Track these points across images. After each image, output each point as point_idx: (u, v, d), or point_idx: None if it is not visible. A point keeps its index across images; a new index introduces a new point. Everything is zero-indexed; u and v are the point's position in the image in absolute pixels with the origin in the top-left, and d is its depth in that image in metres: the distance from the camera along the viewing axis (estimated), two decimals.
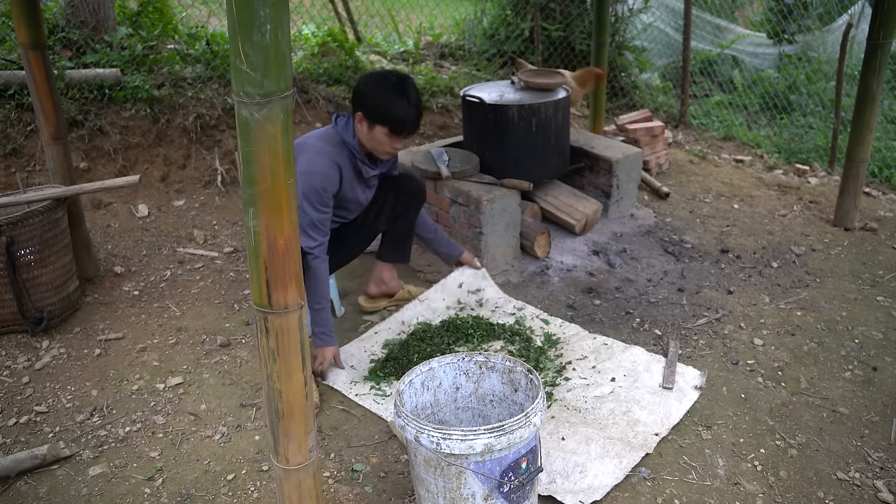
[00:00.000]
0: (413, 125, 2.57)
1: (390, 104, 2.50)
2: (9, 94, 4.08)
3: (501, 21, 6.59)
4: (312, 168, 2.53)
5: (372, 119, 2.53)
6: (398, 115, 2.51)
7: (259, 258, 1.55)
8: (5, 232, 2.81)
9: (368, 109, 2.53)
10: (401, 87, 2.51)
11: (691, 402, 2.53)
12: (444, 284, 3.19)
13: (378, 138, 2.57)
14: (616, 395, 2.55)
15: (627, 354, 2.78)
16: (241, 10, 1.33)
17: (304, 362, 1.68)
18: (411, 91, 2.53)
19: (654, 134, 4.84)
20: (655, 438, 2.35)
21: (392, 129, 2.53)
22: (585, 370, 2.71)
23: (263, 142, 1.44)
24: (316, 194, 2.51)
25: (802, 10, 7.14)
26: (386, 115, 2.51)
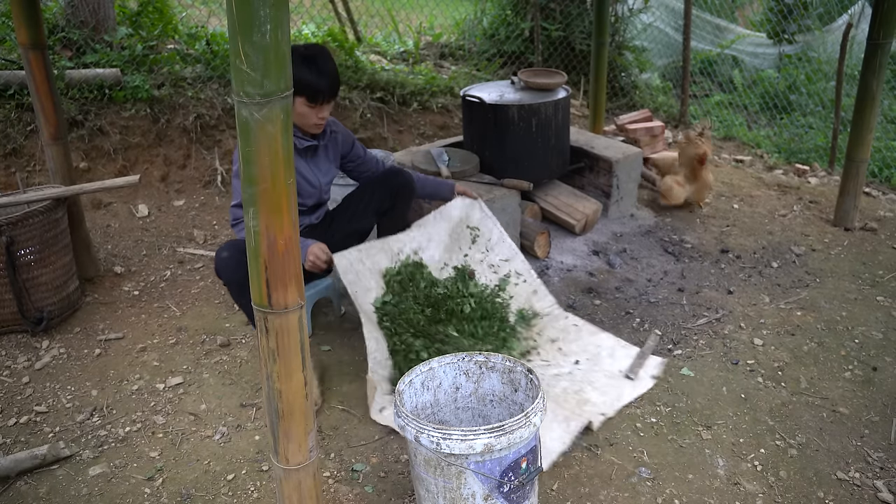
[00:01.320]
0: (328, 91, 2.60)
1: (301, 75, 2.51)
2: (9, 94, 4.08)
3: (501, 21, 6.59)
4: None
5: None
6: (310, 84, 2.55)
7: (259, 258, 1.55)
8: (5, 232, 2.81)
9: None
10: (309, 57, 2.56)
11: (645, 388, 2.61)
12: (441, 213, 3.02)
13: (299, 111, 2.60)
14: (572, 376, 2.65)
15: (594, 339, 2.87)
16: (241, 10, 1.33)
17: (304, 362, 1.68)
18: (319, 59, 2.57)
19: (654, 134, 4.84)
20: (601, 418, 2.44)
21: (308, 98, 2.57)
22: (551, 352, 2.80)
23: (263, 142, 1.44)
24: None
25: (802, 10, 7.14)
26: (298, 86, 2.50)
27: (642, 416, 2.50)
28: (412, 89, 5.31)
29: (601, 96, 4.75)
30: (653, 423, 2.46)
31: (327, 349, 2.89)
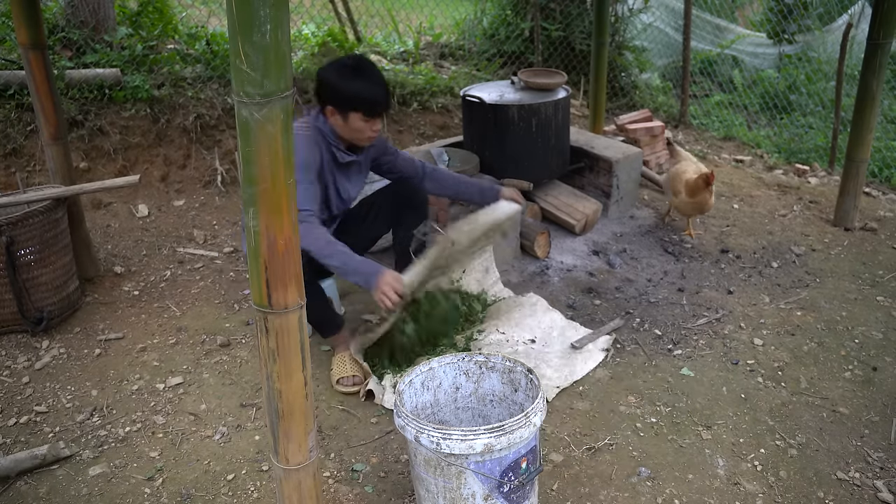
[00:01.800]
0: (385, 103, 2.54)
1: (356, 89, 2.46)
2: (9, 94, 4.08)
3: (501, 21, 6.59)
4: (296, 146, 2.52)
5: (343, 108, 2.50)
6: (367, 97, 2.47)
7: (259, 258, 1.54)
8: (5, 232, 2.81)
9: (337, 100, 2.50)
10: (359, 69, 2.48)
11: (596, 362, 2.76)
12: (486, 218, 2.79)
13: (355, 125, 2.53)
14: (527, 353, 2.78)
15: (547, 317, 3.01)
16: (241, 10, 1.33)
17: (304, 362, 1.68)
18: (370, 70, 2.50)
19: (654, 134, 4.84)
20: (556, 390, 2.60)
21: (366, 112, 2.50)
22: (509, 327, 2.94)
23: (263, 142, 1.44)
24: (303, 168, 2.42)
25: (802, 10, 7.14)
26: (356, 101, 2.47)
27: (642, 416, 2.50)
28: (412, 89, 5.32)
29: (601, 96, 4.75)
30: (653, 423, 2.46)
31: (327, 349, 2.89)
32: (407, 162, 2.91)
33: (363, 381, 2.64)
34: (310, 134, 2.56)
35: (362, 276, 2.41)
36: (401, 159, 2.90)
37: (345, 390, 2.61)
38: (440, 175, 2.96)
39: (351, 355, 2.70)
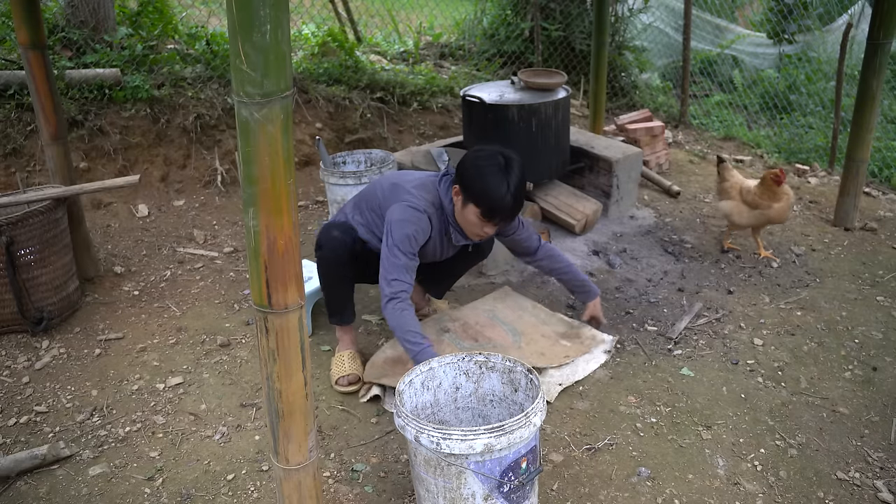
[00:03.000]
0: (507, 213, 2.40)
1: (488, 186, 2.33)
2: (9, 94, 4.08)
3: (501, 21, 6.59)
4: (410, 217, 2.45)
5: (466, 195, 2.40)
6: (492, 198, 2.34)
7: (259, 258, 1.54)
8: (5, 232, 2.81)
9: (465, 184, 2.39)
10: (505, 170, 2.34)
11: (598, 363, 2.78)
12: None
13: (468, 217, 2.43)
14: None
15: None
16: (241, 10, 1.33)
17: (303, 362, 1.68)
18: (514, 176, 2.34)
19: (654, 134, 4.84)
20: (558, 388, 2.62)
21: (483, 212, 2.38)
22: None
23: (263, 142, 1.44)
24: (409, 242, 2.43)
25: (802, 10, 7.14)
26: (480, 196, 2.36)
27: (642, 416, 2.50)
28: (412, 89, 5.32)
29: (601, 96, 4.75)
30: (653, 423, 2.46)
31: (327, 349, 2.89)
32: (526, 239, 2.80)
33: (359, 380, 2.64)
34: (429, 207, 2.51)
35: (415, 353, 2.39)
36: (521, 235, 2.78)
37: (342, 389, 2.61)
38: (555, 255, 2.87)
39: (350, 353, 2.70)
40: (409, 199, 2.50)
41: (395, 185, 2.58)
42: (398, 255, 2.41)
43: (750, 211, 3.50)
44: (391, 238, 2.42)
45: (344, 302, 2.71)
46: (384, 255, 2.44)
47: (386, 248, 2.44)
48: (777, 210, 3.45)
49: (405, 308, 2.41)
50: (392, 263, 2.41)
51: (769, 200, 3.44)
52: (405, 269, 2.43)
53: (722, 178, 3.65)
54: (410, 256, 2.44)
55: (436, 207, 2.53)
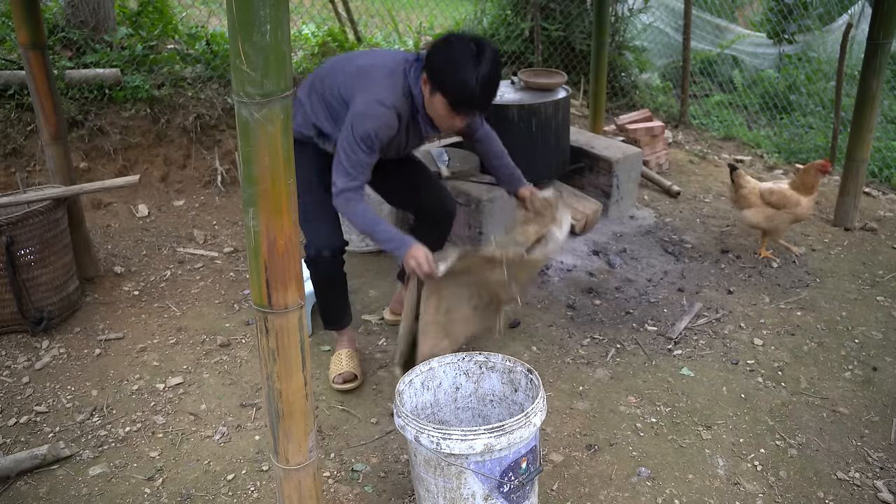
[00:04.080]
0: (476, 104, 2.23)
1: (456, 73, 2.15)
2: (9, 94, 4.07)
3: (501, 21, 6.58)
4: (375, 113, 2.27)
5: (434, 84, 2.23)
6: (460, 88, 2.16)
7: (259, 258, 1.54)
8: (5, 232, 2.81)
9: (433, 73, 2.21)
10: (476, 58, 2.15)
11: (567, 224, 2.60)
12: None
13: (437, 108, 2.27)
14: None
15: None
16: (241, 10, 1.33)
17: (303, 362, 1.67)
18: (485, 65, 2.15)
19: (654, 134, 4.84)
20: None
21: (451, 103, 2.22)
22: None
23: (263, 142, 1.44)
24: (370, 140, 2.27)
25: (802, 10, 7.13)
26: (448, 86, 2.18)
27: (642, 416, 2.50)
28: None
29: (601, 96, 4.75)
30: (653, 423, 2.46)
31: (327, 349, 2.89)
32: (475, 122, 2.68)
33: (356, 378, 2.64)
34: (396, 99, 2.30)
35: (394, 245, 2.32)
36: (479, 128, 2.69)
37: (338, 387, 2.61)
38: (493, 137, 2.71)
39: (348, 352, 2.69)
40: (377, 91, 2.30)
41: (360, 70, 2.37)
42: (357, 150, 2.27)
43: (777, 213, 3.47)
44: (352, 132, 2.26)
45: (337, 302, 2.69)
46: (342, 147, 2.29)
47: (345, 141, 2.28)
48: (805, 206, 3.45)
49: (360, 201, 2.32)
50: (349, 158, 2.28)
51: (804, 193, 3.43)
52: (363, 166, 2.30)
53: (738, 186, 3.53)
54: (369, 153, 2.30)
55: (405, 97, 2.33)
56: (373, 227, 2.34)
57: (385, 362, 2.81)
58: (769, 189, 3.47)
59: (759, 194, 3.49)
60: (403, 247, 2.30)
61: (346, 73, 2.40)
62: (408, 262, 2.29)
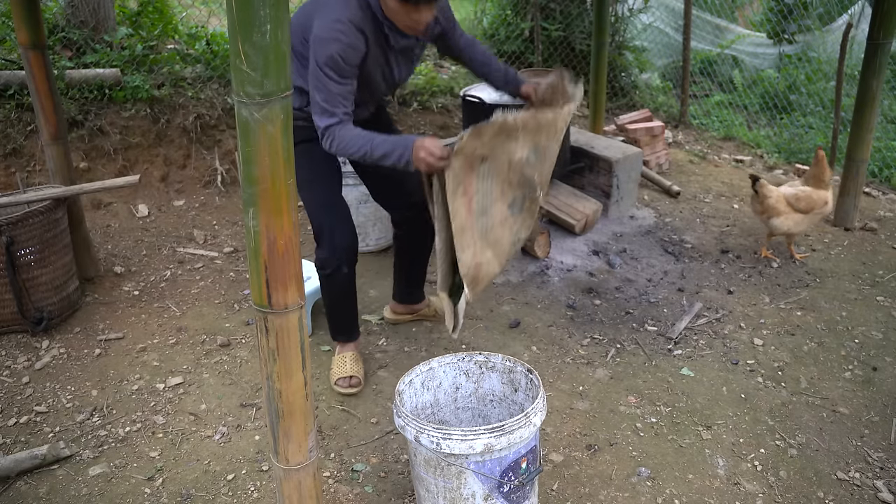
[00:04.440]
0: None
1: None
2: (9, 94, 4.08)
3: (501, 21, 6.58)
4: (333, 34, 2.11)
5: None
6: None
7: (259, 258, 1.54)
8: (5, 232, 2.81)
9: None
10: None
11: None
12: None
13: (391, 8, 2.14)
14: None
15: None
16: (241, 9, 1.33)
17: (303, 362, 1.67)
18: None
19: (654, 134, 4.84)
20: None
21: None
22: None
23: (263, 142, 1.44)
24: (335, 64, 2.10)
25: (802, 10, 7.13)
26: None
27: (642, 416, 2.50)
28: (412, 89, 5.31)
29: (601, 96, 4.75)
30: (653, 423, 2.46)
31: (327, 349, 2.89)
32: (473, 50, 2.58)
33: (361, 384, 2.64)
34: (354, 13, 2.15)
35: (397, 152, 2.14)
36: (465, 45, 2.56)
37: (343, 391, 2.61)
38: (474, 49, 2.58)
39: (353, 355, 2.69)
40: (331, 12, 2.15)
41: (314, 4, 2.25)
42: (326, 80, 2.11)
43: (806, 217, 3.48)
44: (316, 62, 2.11)
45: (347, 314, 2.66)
46: (312, 84, 2.14)
47: (312, 76, 2.13)
48: (831, 203, 3.50)
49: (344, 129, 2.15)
50: (321, 92, 2.12)
51: (817, 186, 3.47)
52: (338, 97, 2.13)
53: (763, 196, 3.49)
54: (341, 80, 2.13)
55: (363, 9, 2.17)
56: (370, 147, 2.15)
57: (385, 362, 2.81)
58: (795, 195, 3.48)
59: (786, 201, 3.48)
60: (407, 147, 2.12)
61: (303, 12, 2.28)
62: (418, 158, 2.10)
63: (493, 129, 2.15)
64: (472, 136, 2.10)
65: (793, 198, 3.47)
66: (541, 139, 2.33)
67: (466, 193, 2.17)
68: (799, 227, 3.51)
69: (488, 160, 2.20)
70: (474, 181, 2.19)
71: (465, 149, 2.10)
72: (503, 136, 2.19)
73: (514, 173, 2.29)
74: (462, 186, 2.15)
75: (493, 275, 2.19)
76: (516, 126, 2.19)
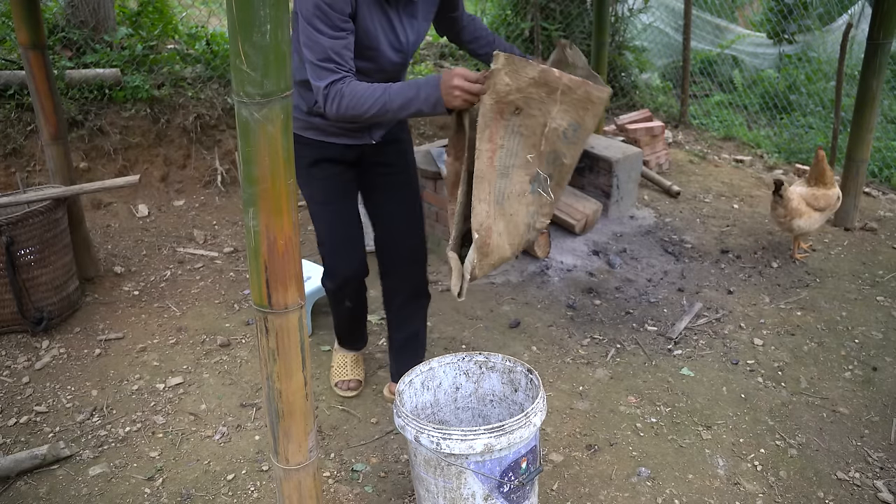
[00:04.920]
0: None
1: None
2: (9, 94, 4.08)
3: (501, 21, 6.58)
4: None
5: None
6: None
7: (259, 258, 1.54)
8: (5, 232, 2.81)
9: None
10: None
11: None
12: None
13: None
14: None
15: None
16: (241, 9, 1.33)
17: (303, 362, 1.67)
18: None
19: (654, 134, 4.84)
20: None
21: None
22: None
23: (263, 142, 1.44)
24: (323, 13, 1.84)
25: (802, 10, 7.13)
26: None
27: (642, 416, 2.50)
28: None
29: None
30: (653, 423, 2.46)
31: (327, 349, 2.89)
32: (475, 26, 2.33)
33: (360, 385, 2.63)
34: None
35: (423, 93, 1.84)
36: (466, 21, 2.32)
37: (343, 394, 2.61)
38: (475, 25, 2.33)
39: (354, 357, 2.68)
40: None
41: None
42: (317, 35, 1.85)
43: (822, 214, 3.54)
44: (305, 19, 1.86)
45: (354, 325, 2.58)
46: (303, 44, 1.88)
47: (303, 34, 1.87)
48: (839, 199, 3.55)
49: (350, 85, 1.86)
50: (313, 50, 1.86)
51: (822, 186, 3.50)
52: (332, 52, 1.86)
53: (787, 199, 3.47)
54: (333, 32, 1.86)
55: None
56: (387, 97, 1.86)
57: (385, 363, 2.81)
58: (813, 194, 3.51)
59: (806, 202, 3.51)
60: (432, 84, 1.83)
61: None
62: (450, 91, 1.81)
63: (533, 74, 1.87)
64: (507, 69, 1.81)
65: (811, 197, 3.51)
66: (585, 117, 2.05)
67: (492, 140, 1.92)
68: (817, 226, 3.56)
69: (521, 114, 1.93)
70: (501, 131, 1.93)
71: (498, 86, 1.82)
72: (544, 89, 1.92)
73: (546, 142, 2.03)
74: (489, 131, 1.89)
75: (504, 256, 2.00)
76: (558, 84, 1.92)
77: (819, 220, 3.55)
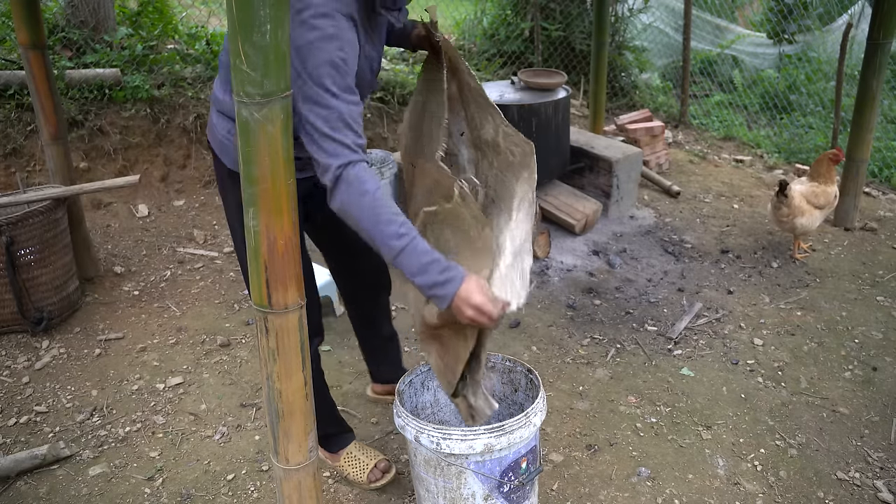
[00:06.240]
0: None
1: None
2: (9, 94, 4.08)
3: (501, 21, 6.58)
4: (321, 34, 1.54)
5: None
6: None
7: (259, 258, 1.54)
8: (5, 232, 2.81)
9: None
10: None
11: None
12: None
13: None
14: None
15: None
16: (241, 9, 1.33)
17: (303, 362, 1.67)
18: None
19: (654, 134, 4.84)
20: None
21: None
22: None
23: (263, 142, 1.44)
24: (338, 73, 1.54)
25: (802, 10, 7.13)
26: None
27: (642, 416, 2.50)
28: (412, 89, 5.31)
29: (601, 96, 4.75)
30: (653, 423, 2.46)
31: (327, 349, 2.89)
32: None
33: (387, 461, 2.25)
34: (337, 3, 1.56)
35: (432, 281, 1.58)
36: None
37: (381, 483, 2.21)
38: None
39: (356, 445, 2.27)
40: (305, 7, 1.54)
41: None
42: (330, 99, 1.53)
43: (821, 212, 3.56)
44: (309, 77, 1.52)
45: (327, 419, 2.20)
46: (307, 109, 1.54)
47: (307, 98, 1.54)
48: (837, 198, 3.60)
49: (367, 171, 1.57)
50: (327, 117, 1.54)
51: (825, 184, 3.53)
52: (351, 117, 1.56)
53: (790, 199, 3.48)
54: (351, 95, 1.57)
55: None
56: (403, 244, 1.57)
57: None
58: (812, 192, 3.53)
59: (808, 200, 3.53)
60: (452, 281, 1.58)
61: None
62: (462, 310, 1.58)
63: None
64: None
65: (811, 195, 3.52)
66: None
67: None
68: (817, 224, 3.58)
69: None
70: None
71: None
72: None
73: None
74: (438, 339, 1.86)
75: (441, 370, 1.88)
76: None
77: (819, 219, 3.57)
